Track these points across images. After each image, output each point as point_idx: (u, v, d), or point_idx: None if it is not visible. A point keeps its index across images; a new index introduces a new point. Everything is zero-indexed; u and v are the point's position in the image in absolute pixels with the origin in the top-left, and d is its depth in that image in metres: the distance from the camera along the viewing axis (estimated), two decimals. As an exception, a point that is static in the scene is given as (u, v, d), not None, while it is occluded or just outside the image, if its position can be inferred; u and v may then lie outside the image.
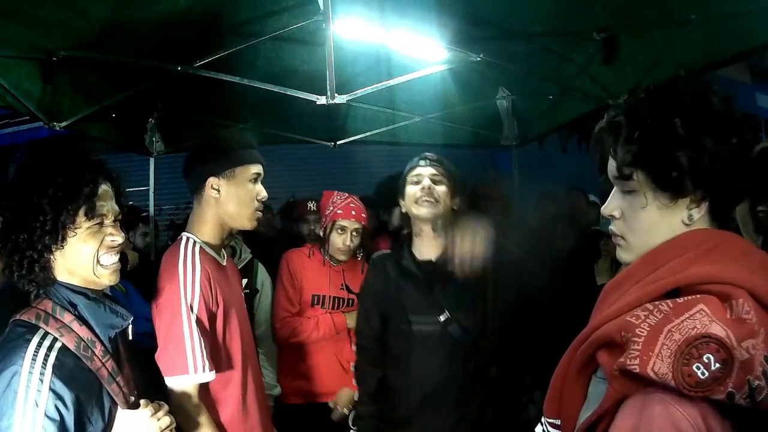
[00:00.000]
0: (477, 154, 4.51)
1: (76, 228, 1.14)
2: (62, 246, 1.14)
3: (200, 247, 1.56)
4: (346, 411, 2.23)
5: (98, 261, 1.18)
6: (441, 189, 1.81)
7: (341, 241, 2.29)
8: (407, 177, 1.87)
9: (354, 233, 2.30)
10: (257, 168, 1.63)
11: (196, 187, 1.60)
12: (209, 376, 1.44)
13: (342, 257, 2.34)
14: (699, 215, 0.81)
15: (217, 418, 1.51)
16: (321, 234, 2.37)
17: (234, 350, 1.57)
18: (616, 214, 0.88)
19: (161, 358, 1.45)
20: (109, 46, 2.13)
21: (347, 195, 2.37)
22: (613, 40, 2.29)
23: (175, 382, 1.42)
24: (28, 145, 6.00)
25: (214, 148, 1.63)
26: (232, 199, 1.58)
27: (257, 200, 1.62)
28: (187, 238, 1.57)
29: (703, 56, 2.15)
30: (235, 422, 1.55)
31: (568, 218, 2.92)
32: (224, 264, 1.66)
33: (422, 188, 1.79)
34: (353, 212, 2.31)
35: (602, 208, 0.91)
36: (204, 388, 1.49)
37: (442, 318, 1.73)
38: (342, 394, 2.27)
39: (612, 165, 0.86)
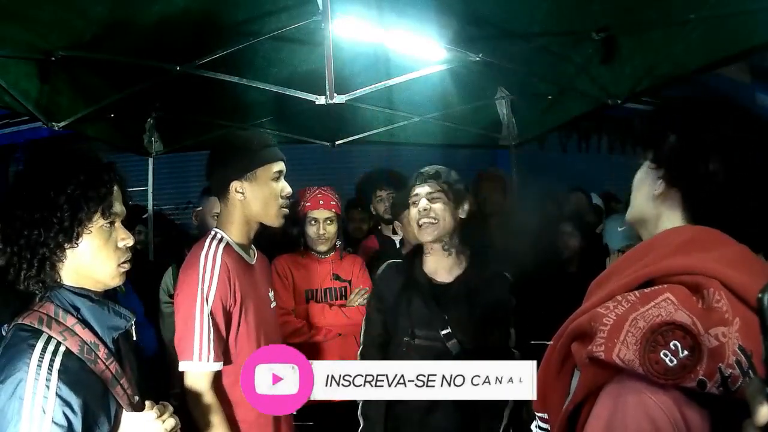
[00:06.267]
0: (476, 154, 4.50)
1: (91, 227, 1.14)
2: (76, 244, 1.12)
3: (226, 243, 1.60)
4: None
5: (110, 261, 1.18)
6: (439, 206, 1.76)
7: (314, 231, 2.33)
8: (408, 198, 1.85)
9: (327, 222, 2.34)
10: (278, 166, 1.66)
11: (221, 190, 1.64)
12: (212, 366, 1.49)
13: (322, 247, 2.36)
14: (660, 191, 0.85)
15: (229, 411, 1.54)
16: (301, 231, 2.39)
17: (247, 347, 1.59)
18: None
19: (177, 343, 1.52)
20: (108, 46, 2.13)
21: (317, 188, 2.40)
22: (611, 40, 2.29)
23: (184, 366, 1.50)
24: (28, 145, 5.99)
25: (233, 152, 1.65)
26: (257, 199, 1.62)
27: (281, 197, 1.66)
28: (215, 233, 1.62)
29: (703, 56, 2.15)
30: (248, 417, 1.58)
31: (570, 218, 2.92)
32: (252, 263, 1.70)
33: (419, 210, 1.77)
34: (321, 202, 2.34)
35: None
36: (217, 379, 1.53)
37: (443, 333, 1.69)
38: None
39: None
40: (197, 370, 1.48)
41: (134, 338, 1.31)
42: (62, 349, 1.06)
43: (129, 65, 2.26)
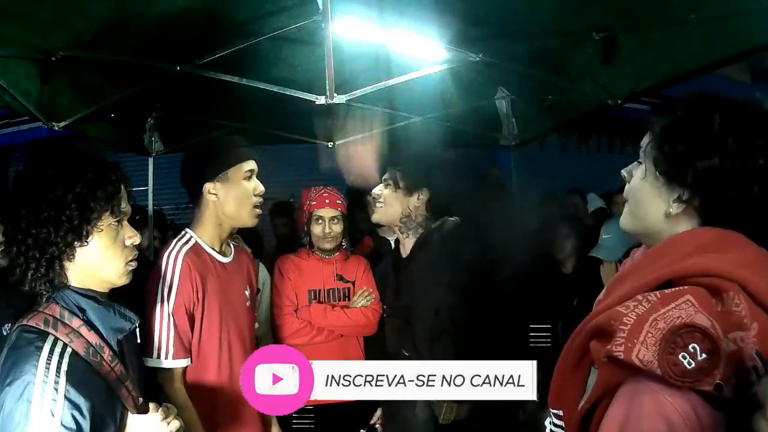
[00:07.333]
0: (476, 155, 4.50)
1: (101, 225, 1.14)
2: (86, 243, 1.12)
3: (195, 242, 1.65)
4: None
5: (118, 259, 1.17)
6: (387, 192, 1.94)
7: (320, 229, 2.33)
8: None
9: (332, 221, 2.33)
10: (249, 165, 1.70)
11: (195, 192, 1.70)
12: (171, 363, 1.55)
13: (327, 245, 2.35)
14: (677, 212, 0.83)
15: (197, 405, 1.59)
16: (304, 230, 2.39)
17: (208, 344, 1.64)
18: (626, 176, 0.93)
19: (145, 339, 1.58)
20: (108, 46, 2.13)
21: (322, 187, 2.39)
22: (612, 40, 2.29)
23: (149, 363, 1.55)
24: (28, 145, 5.99)
25: (205, 155, 1.72)
26: (230, 200, 1.67)
27: (254, 195, 1.70)
28: (183, 234, 1.68)
29: (703, 56, 2.15)
30: (215, 410, 1.63)
31: (566, 220, 2.92)
32: (226, 261, 1.73)
33: (373, 195, 1.99)
34: (327, 200, 2.34)
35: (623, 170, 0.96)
36: (184, 373, 1.60)
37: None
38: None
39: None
40: (158, 366, 1.55)
41: (138, 340, 1.31)
42: (69, 351, 1.06)
43: (129, 65, 2.26)
